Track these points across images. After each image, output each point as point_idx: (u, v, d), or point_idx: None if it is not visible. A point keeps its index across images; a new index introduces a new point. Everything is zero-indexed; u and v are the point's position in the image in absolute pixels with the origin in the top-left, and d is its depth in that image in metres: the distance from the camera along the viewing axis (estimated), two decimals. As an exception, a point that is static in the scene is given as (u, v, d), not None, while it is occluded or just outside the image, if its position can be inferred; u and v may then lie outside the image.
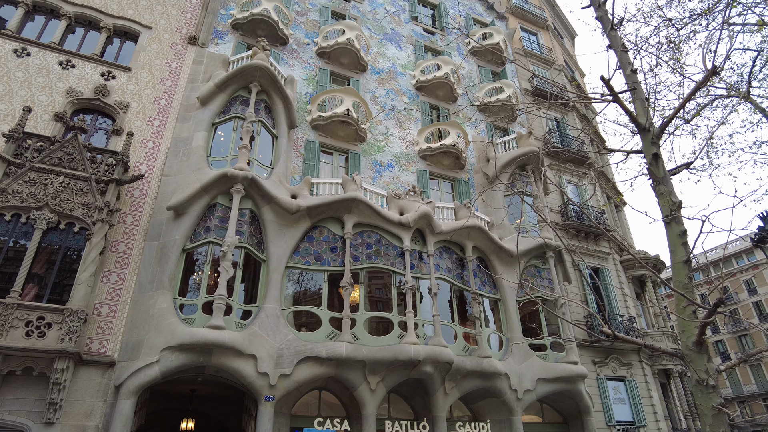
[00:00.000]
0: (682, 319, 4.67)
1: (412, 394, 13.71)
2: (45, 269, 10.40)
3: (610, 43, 6.65)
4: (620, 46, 6.48)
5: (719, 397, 4.42)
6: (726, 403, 4.63)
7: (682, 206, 5.17)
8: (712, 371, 4.46)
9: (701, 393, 4.47)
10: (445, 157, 18.14)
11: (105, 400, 10.09)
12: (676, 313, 4.78)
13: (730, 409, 4.56)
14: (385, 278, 13.83)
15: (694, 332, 4.59)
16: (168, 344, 10.43)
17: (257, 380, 11.11)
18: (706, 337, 4.48)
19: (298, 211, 13.23)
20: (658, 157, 5.54)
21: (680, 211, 5.13)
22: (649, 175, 5.53)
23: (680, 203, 5.21)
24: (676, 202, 5.21)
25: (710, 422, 4.39)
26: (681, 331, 4.76)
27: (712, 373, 4.44)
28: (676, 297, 4.88)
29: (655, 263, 21.80)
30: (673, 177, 5.52)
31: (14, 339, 9.09)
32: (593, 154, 22.35)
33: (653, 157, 5.53)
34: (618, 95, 5.67)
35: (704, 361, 4.51)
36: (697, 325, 4.53)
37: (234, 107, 14.34)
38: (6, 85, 12.53)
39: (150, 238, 12.10)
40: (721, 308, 4.13)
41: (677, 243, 5.07)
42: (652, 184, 5.52)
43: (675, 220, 5.10)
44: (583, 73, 31.39)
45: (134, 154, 12.99)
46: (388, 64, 20.15)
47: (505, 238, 16.50)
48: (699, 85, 5.61)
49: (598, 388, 16.92)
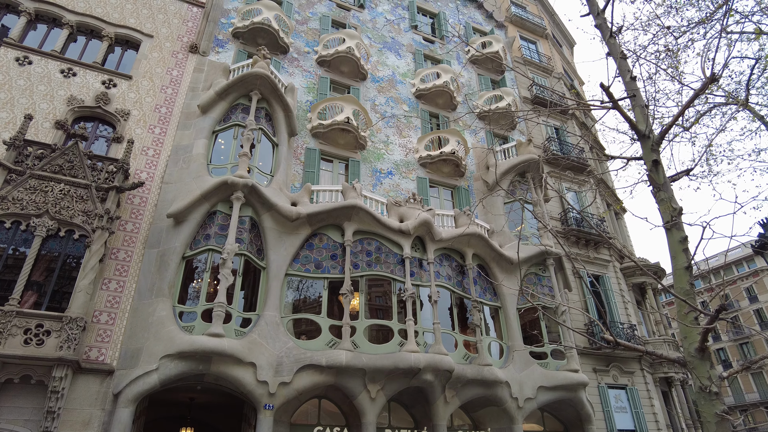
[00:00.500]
0: (684, 325, 4.66)
1: (412, 402, 13.63)
2: (44, 277, 10.37)
3: (609, 51, 6.69)
4: (619, 53, 6.52)
5: (723, 404, 4.39)
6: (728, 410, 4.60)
7: (682, 212, 5.17)
8: (715, 378, 4.43)
9: (704, 400, 4.44)
10: (445, 164, 18.17)
11: (103, 408, 10.02)
12: (678, 320, 4.77)
13: (732, 417, 4.52)
14: (385, 286, 13.80)
15: (696, 339, 4.57)
16: (167, 352, 10.37)
17: (257, 388, 11.05)
18: (708, 344, 4.46)
19: (298, 219, 13.23)
20: (658, 164, 5.55)
21: (681, 218, 5.13)
22: (650, 181, 5.54)
23: (681, 209, 5.21)
24: (676, 208, 5.21)
25: (714, 429, 4.36)
26: (683, 338, 4.74)
27: (715, 380, 4.42)
28: (677, 303, 4.87)
29: (656, 270, 21.77)
30: (673, 184, 5.53)
31: (12, 346, 9.04)
32: (593, 162, 22.42)
33: (653, 163, 5.55)
34: (617, 102, 5.69)
35: (707, 367, 4.49)
36: (699, 332, 4.51)
37: (234, 115, 14.39)
38: (7, 93, 12.58)
39: (150, 246, 12.08)
40: (723, 315, 4.11)
41: (678, 249, 5.06)
42: (653, 190, 5.53)
43: (676, 227, 5.10)
44: (582, 81, 31.56)
45: (135, 162, 13.01)
46: (388, 73, 20.26)
47: (506, 246, 16.49)
48: (698, 92, 5.63)
49: (600, 396, 16.83)
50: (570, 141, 23.50)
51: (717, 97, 8.68)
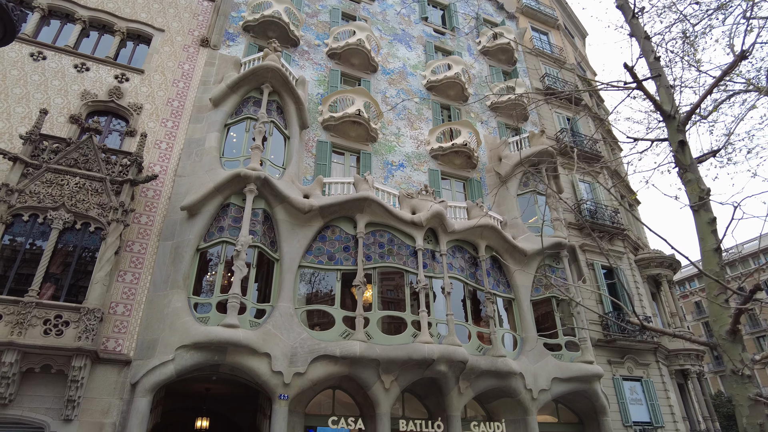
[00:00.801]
0: (716, 305, 4.55)
1: (426, 393, 13.61)
2: (61, 269, 10.47)
3: (631, 32, 6.55)
4: (643, 33, 6.38)
5: (756, 387, 4.29)
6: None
7: (710, 193, 5.05)
8: (747, 360, 4.33)
9: (736, 383, 4.34)
10: (457, 156, 18.05)
11: (122, 397, 10.12)
12: (709, 301, 4.66)
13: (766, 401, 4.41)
14: (397, 278, 13.76)
15: (728, 321, 4.46)
16: (183, 343, 10.44)
17: (271, 379, 11.09)
18: (740, 326, 4.36)
19: (311, 211, 13.22)
20: (684, 144, 5.43)
21: (709, 198, 5.02)
22: (676, 163, 5.41)
23: (708, 190, 5.09)
24: (704, 188, 5.09)
25: (747, 413, 4.26)
26: (713, 321, 4.63)
27: (748, 363, 4.32)
28: (707, 285, 4.77)
29: (671, 262, 21.50)
30: (699, 165, 5.41)
31: (33, 337, 9.15)
32: (606, 153, 22.13)
33: (679, 144, 5.42)
34: (641, 82, 5.58)
35: (739, 350, 4.38)
36: (731, 314, 4.40)
37: (246, 108, 14.39)
38: (23, 89, 12.68)
39: (164, 238, 12.14)
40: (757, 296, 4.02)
41: (706, 231, 4.95)
42: (679, 172, 5.40)
43: (704, 208, 4.99)
44: (594, 72, 31.16)
45: (148, 155, 13.07)
46: (399, 65, 20.13)
47: (519, 238, 16.37)
48: (727, 70, 5.50)
49: (614, 388, 16.68)
50: (583, 132, 23.23)
51: (736, 84, 8.49)
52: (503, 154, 18.68)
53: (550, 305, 16.08)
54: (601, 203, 20.71)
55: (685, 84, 8.80)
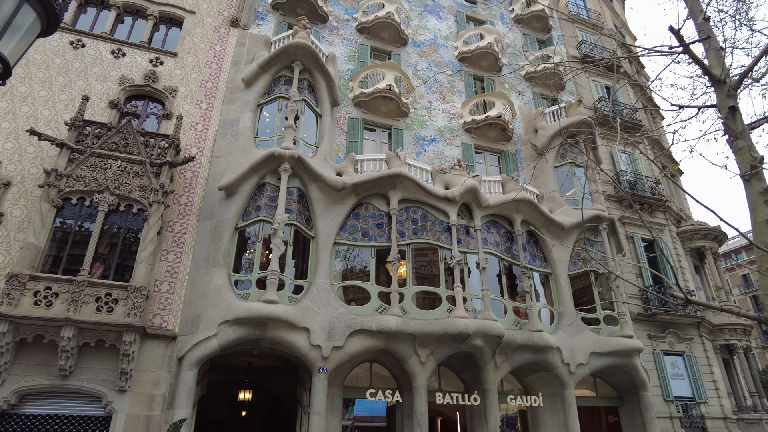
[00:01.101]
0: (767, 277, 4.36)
1: (462, 367, 13.72)
2: (108, 249, 10.97)
3: (678, -9, 6.16)
4: (691, -8, 6.00)
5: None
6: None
7: (763, 161, 4.77)
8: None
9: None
10: (491, 129, 17.67)
11: (170, 371, 10.65)
12: (760, 274, 4.47)
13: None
14: (431, 254, 13.77)
15: (780, 294, 4.28)
16: (225, 318, 10.83)
17: (310, 352, 11.41)
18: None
19: (344, 189, 13.30)
20: (735, 110, 5.12)
21: (762, 166, 4.74)
22: (725, 130, 5.12)
23: (762, 158, 4.81)
24: (756, 157, 4.82)
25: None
26: (764, 294, 4.45)
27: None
28: (758, 257, 4.56)
29: (716, 234, 20.66)
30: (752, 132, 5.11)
31: (87, 313, 9.69)
32: (647, 121, 21.19)
33: (730, 110, 5.12)
34: (689, 46, 5.26)
35: (791, 324, 4.22)
36: (784, 287, 4.22)
37: (278, 87, 14.46)
38: (65, 76, 13.11)
39: (203, 218, 12.50)
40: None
41: (759, 201, 4.70)
42: (729, 139, 5.12)
43: (756, 177, 4.73)
44: (634, 37, 29.62)
45: (184, 137, 13.37)
46: (429, 36, 19.71)
47: (556, 211, 16.03)
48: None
49: (655, 363, 16.36)
50: (622, 100, 22.26)
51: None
52: (539, 126, 18.16)
53: (587, 279, 15.78)
54: (642, 174, 19.96)
55: (737, 45, 8.26)
